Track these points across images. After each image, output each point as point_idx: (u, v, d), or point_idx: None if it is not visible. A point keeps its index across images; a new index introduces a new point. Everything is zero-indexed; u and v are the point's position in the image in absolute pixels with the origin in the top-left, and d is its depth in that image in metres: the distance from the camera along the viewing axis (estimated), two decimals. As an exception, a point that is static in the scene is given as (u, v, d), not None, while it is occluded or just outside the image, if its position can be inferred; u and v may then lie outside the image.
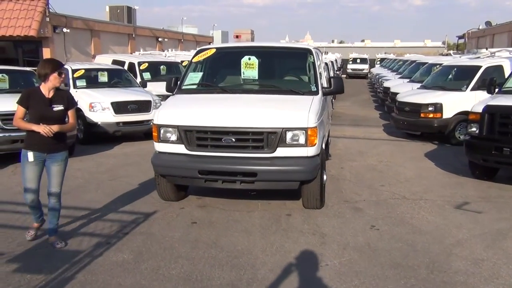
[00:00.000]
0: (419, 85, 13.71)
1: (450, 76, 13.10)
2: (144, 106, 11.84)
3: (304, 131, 5.64)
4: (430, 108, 11.79)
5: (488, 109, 7.49)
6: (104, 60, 16.53)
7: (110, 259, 4.64)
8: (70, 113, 4.88)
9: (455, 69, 13.03)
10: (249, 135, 5.72)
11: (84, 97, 11.47)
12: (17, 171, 8.37)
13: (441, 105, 11.65)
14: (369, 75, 33.43)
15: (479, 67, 11.89)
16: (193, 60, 7.14)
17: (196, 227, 5.61)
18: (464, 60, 14.82)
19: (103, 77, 12.74)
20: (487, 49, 14.84)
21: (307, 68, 6.87)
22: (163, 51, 23.13)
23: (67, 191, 6.32)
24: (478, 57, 14.15)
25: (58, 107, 4.69)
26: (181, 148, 5.90)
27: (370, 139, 12.57)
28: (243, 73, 6.80)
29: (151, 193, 6.99)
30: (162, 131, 5.96)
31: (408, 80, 16.46)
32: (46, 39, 21.55)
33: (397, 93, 14.38)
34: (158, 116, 5.99)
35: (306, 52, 7.01)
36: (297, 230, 5.51)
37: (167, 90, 7.26)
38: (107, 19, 30.57)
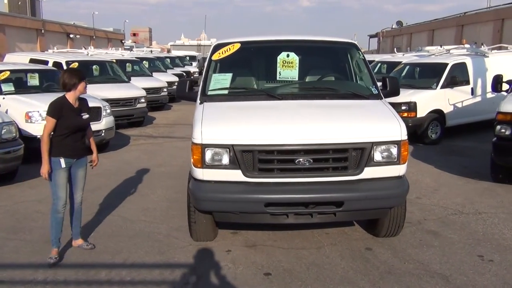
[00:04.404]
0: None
1: (413, 74, 12.82)
2: (93, 114, 9.72)
3: (396, 145, 4.51)
4: (403, 107, 11.27)
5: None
6: (18, 60, 13.80)
7: None
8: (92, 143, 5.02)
9: (419, 67, 12.76)
10: (329, 153, 4.44)
11: (16, 105, 9.14)
12: None
13: (415, 103, 11.20)
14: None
15: (446, 64, 11.71)
16: (213, 58, 5.60)
17: (278, 282, 4.20)
18: (415, 57, 14.76)
19: (34, 80, 10.34)
20: (441, 46, 14.97)
21: (357, 66, 5.71)
22: (85, 48, 20.36)
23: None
24: (433, 55, 14.14)
25: (86, 115, 4.74)
26: (236, 175, 4.42)
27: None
28: (279, 73, 5.45)
29: (167, 231, 5.43)
30: (209, 153, 4.42)
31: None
32: None
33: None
34: (203, 133, 4.43)
35: (353, 47, 5.84)
36: (404, 272, 4.37)
37: (178, 96, 5.70)
38: (6, 12, 26.27)
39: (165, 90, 17.07)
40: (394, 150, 4.50)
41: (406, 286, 4.08)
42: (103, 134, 9.89)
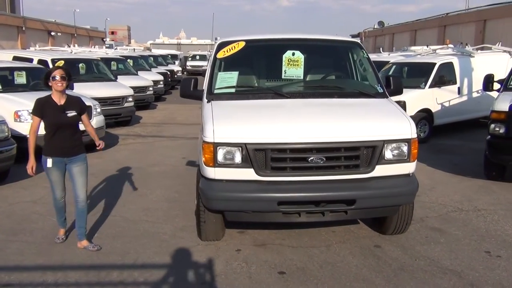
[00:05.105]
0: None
1: (401, 74, 12.96)
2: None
3: (407, 143, 4.55)
4: (393, 107, 11.41)
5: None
6: (0, 57, 13.43)
7: None
8: (85, 117, 4.87)
9: (407, 66, 12.92)
10: (341, 151, 4.45)
11: (4, 104, 8.90)
12: None
13: (404, 103, 11.29)
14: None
15: (434, 64, 11.88)
16: (218, 56, 5.54)
17: (293, 281, 4.18)
18: (401, 57, 14.95)
19: (21, 78, 10.10)
20: (427, 46, 15.19)
21: (361, 65, 5.75)
22: (68, 46, 19.96)
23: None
24: (418, 55, 14.34)
25: (72, 113, 4.67)
26: (248, 174, 4.39)
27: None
28: (285, 72, 5.44)
29: (172, 231, 5.37)
30: (221, 151, 4.38)
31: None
32: None
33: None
34: (215, 131, 4.38)
35: (357, 46, 5.87)
36: (416, 268, 4.41)
37: (183, 94, 5.62)
38: (-18, 9, 25.48)
39: (151, 89, 16.89)
40: (404, 148, 4.54)
41: (421, 283, 4.12)
42: (93, 134, 9.71)
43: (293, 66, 5.43)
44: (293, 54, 5.43)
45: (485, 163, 7.86)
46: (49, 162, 4.67)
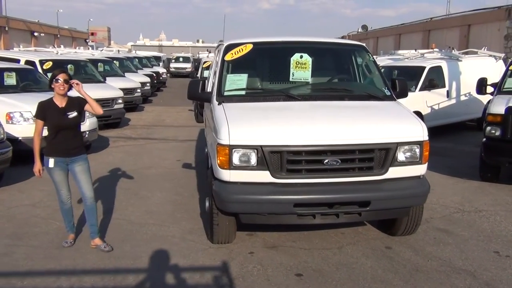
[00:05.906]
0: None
1: (390, 77, 13.11)
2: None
3: (419, 146, 4.61)
4: (385, 110, 11.53)
5: (513, 110, 7.26)
6: (-15, 58, 13.10)
7: None
8: (87, 105, 4.78)
9: (397, 70, 13.07)
10: (356, 153, 4.48)
11: (-5, 105, 8.70)
12: None
13: (395, 105, 11.46)
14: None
15: (423, 67, 12.07)
16: (226, 59, 5.52)
17: (312, 282, 4.18)
18: (389, 60, 15.13)
19: (11, 79, 9.89)
20: (416, 50, 15.41)
21: (367, 68, 5.81)
22: (55, 47, 19.56)
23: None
24: (406, 58, 14.54)
25: (72, 114, 4.69)
26: (264, 176, 4.38)
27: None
28: (293, 74, 5.46)
29: (181, 234, 5.31)
30: (237, 154, 4.35)
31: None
32: None
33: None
34: (231, 134, 4.35)
35: (362, 50, 5.93)
36: (430, 269, 4.45)
37: (190, 96, 5.58)
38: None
39: (138, 90, 16.71)
40: (417, 150, 4.59)
41: (438, 283, 4.17)
42: (86, 136, 9.55)
43: (301, 68, 5.44)
44: (301, 56, 5.44)
45: (480, 165, 8.01)
46: (51, 162, 4.70)
